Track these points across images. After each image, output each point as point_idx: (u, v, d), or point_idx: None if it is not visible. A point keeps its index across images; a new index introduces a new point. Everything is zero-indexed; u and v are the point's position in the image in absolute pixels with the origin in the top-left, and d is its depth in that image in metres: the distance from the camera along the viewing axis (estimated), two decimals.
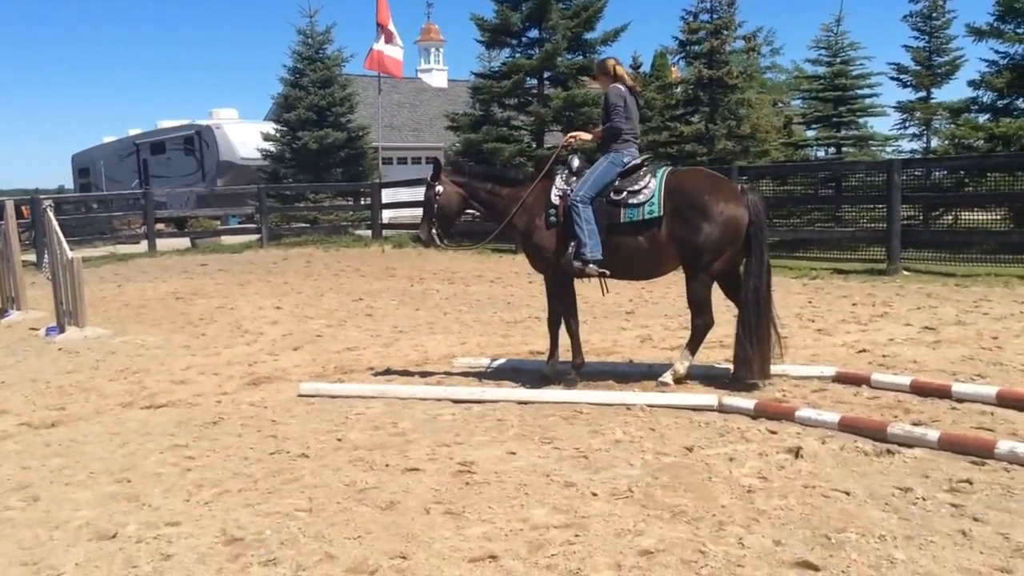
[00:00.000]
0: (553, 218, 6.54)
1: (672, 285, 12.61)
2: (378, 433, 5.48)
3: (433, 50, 41.22)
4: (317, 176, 25.10)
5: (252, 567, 3.59)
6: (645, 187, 6.36)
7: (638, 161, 6.60)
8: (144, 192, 22.32)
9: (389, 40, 21.75)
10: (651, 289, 12.12)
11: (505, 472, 4.59)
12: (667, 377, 6.34)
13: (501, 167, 7.74)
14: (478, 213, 7.15)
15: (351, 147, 25.94)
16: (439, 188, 6.78)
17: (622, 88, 6.62)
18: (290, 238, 22.43)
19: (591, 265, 6.36)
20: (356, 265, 17.01)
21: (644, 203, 6.32)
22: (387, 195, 23.15)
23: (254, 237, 22.09)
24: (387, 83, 34.02)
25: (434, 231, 6.82)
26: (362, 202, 24.39)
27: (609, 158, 6.51)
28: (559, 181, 6.60)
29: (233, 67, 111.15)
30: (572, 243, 6.40)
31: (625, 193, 6.38)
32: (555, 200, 6.54)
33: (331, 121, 25.58)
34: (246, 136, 29.05)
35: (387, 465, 4.80)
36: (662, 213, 6.27)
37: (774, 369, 6.39)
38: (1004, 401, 5.48)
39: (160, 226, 22.87)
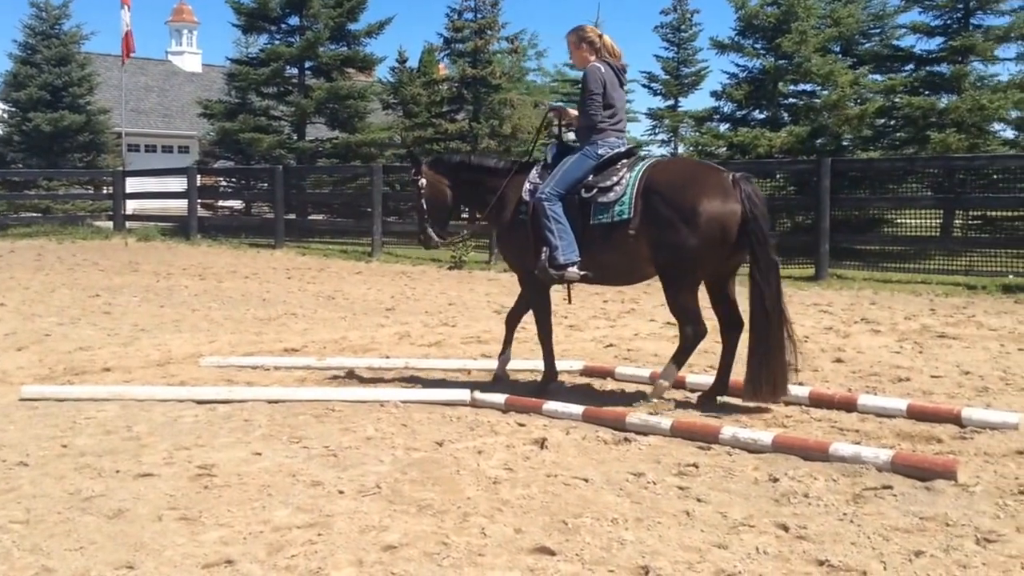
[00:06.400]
0: (523, 216, 5.81)
1: (435, 282, 12.71)
2: (109, 438, 5.09)
3: (186, 32, 39.27)
4: (51, 162, 23.29)
5: None
6: (617, 184, 5.53)
7: (622, 150, 5.76)
8: None
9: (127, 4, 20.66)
10: (413, 287, 12.14)
11: (248, 474, 4.41)
12: (651, 396, 5.62)
13: (480, 155, 7.17)
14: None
15: (91, 131, 24.28)
16: (422, 181, 6.21)
17: (602, 68, 5.71)
18: (18, 228, 20.69)
19: (571, 270, 5.57)
20: (95, 259, 15.84)
21: (614, 203, 5.50)
22: (132, 184, 21.85)
23: None
24: (134, 64, 32.03)
25: (429, 229, 6.26)
26: (104, 191, 22.87)
27: (582, 150, 5.73)
28: (533, 174, 5.86)
29: None
30: (544, 249, 5.61)
31: (595, 191, 5.57)
32: (525, 196, 5.80)
33: (67, 102, 23.91)
34: None
35: (117, 471, 4.47)
36: (632, 215, 5.44)
37: (522, 364, 6.51)
38: (733, 389, 5.89)
39: None
